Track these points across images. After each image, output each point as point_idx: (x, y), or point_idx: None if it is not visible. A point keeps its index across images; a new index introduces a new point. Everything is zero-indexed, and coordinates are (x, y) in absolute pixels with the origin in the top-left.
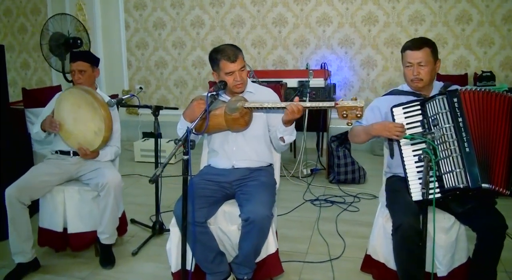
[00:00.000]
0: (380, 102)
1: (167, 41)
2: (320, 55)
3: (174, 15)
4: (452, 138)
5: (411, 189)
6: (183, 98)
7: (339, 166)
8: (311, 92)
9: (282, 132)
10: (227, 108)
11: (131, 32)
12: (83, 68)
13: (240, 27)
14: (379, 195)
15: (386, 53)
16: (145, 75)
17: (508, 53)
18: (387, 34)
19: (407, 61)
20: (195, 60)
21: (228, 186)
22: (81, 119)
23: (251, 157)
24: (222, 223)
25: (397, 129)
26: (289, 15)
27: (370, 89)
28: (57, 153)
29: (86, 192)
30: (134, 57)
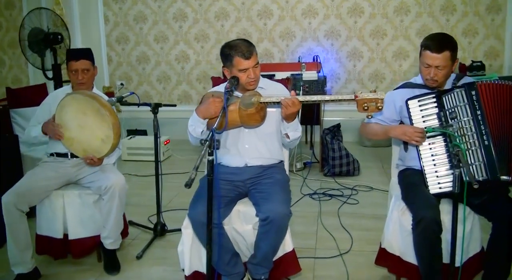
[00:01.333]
0: (394, 95)
1: (149, 35)
2: (306, 48)
3: (156, 8)
4: (471, 131)
5: (429, 182)
6: (166, 94)
7: (334, 159)
8: (304, 85)
9: (285, 128)
10: (242, 104)
11: (111, 26)
12: (87, 66)
13: (224, 20)
14: (389, 188)
15: (372, 45)
16: (127, 71)
17: (492, 43)
18: (372, 25)
19: (425, 62)
20: (178, 54)
21: (241, 184)
22: (86, 126)
23: (264, 154)
24: (237, 223)
25: (417, 135)
26: (274, 7)
27: (357, 80)
28: (54, 156)
29: (87, 196)
30: (114, 52)
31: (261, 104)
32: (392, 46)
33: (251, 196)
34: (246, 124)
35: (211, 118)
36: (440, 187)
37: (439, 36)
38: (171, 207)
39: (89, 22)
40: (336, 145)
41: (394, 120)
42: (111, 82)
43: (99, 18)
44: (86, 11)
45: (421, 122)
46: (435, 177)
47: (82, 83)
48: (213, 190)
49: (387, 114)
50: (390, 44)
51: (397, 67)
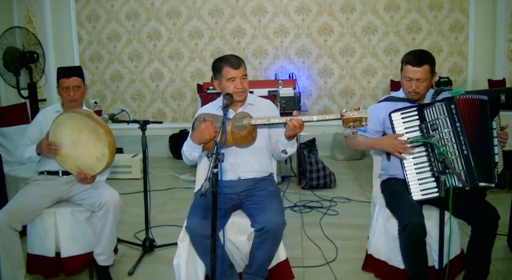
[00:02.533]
0: (377, 108)
1: (123, 54)
2: (279, 65)
3: (130, 27)
4: (451, 141)
5: (412, 189)
6: (140, 112)
7: (311, 172)
8: (281, 101)
9: (284, 145)
10: (234, 127)
11: (84, 45)
12: (78, 83)
13: (198, 39)
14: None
15: (341, 62)
16: (100, 89)
17: (456, 60)
18: (342, 44)
19: (407, 75)
20: (152, 72)
21: (235, 197)
22: (81, 144)
23: (256, 168)
24: (231, 234)
25: (402, 146)
26: (247, 27)
27: (328, 96)
28: (44, 174)
29: (79, 213)
30: (87, 70)
31: (253, 126)
32: (361, 64)
33: (245, 207)
34: (239, 144)
35: (206, 143)
36: (423, 194)
37: (418, 52)
38: (156, 224)
39: (62, 41)
40: (313, 159)
41: (377, 131)
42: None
43: (72, 37)
44: (59, 30)
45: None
46: (418, 184)
47: (73, 99)
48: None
49: (371, 125)
50: (359, 61)
51: (366, 83)
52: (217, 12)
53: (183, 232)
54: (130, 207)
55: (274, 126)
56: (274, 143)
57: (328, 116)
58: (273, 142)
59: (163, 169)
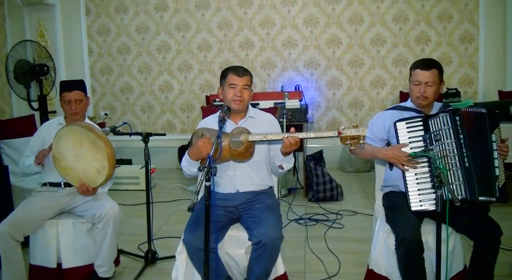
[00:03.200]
0: (384, 115)
1: (133, 66)
2: (287, 77)
3: (139, 40)
4: (453, 153)
5: (410, 199)
6: (150, 123)
7: (318, 185)
8: (287, 113)
9: (281, 160)
10: (231, 143)
11: (95, 57)
12: (80, 97)
13: (207, 51)
14: (373, 211)
15: (350, 74)
16: (110, 101)
17: (466, 71)
18: (350, 55)
19: (415, 79)
20: (162, 84)
21: (233, 210)
22: (82, 156)
23: (255, 181)
24: (229, 247)
25: (406, 160)
26: (255, 39)
27: (337, 108)
28: (47, 185)
29: (81, 225)
30: (98, 83)
31: (250, 142)
32: (369, 75)
33: (243, 221)
34: (237, 160)
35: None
36: (422, 204)
37: (427, 59)
38: (160, 235)
39: (73, 54)
40: (320, 171)
41: (382, 138)
42: (95, 112)
43: (83, 50)
44: (70, 43)
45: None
46: (417, 195)
47: (75, 113)
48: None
49: (376, 132)
50: (368, 73)
51: (375, 95)
52: (225, 25)
53: (181, 245)
54: (136, 219)
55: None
56: (272, 158)
57: (325, 134)
58: (271, 157)
59: (171, 180)
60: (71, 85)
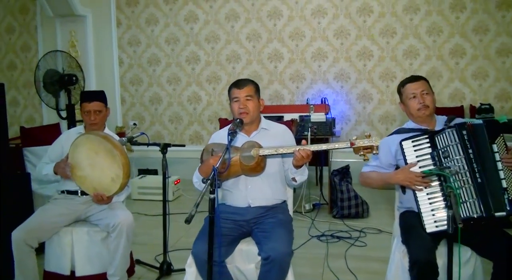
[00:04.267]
0: (388, 141)
1: (162, 77)
2: (316, 89)
3: (169, 51)
4: (464, 169)
5: (424, 221)
6: (178, 134)
7: (342, 201)
8: (312, 126)
9: (293, 173)
10: (242, 158)
11: (125, 68)
12: (99, 108)
13: (235, 63)
14: (389, 230)
15: (381, 87)
16: (139, 111)
17: (503, 85)
18: (382, 68)
19: (410, 93)
20: (190, 95)
21: (245, 224)
22: (98, 165)
23: (267, 195)
24: (239, 262)
25: (419, 180)
26: (284, 51)
27: (367, 122)
28: (64, 193)
29: (96, 233)
30: (127, 93)
31: (261, 157)
32: None
33: (254, 235)
34: (248, 175)
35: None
36: (437, 225)
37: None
38: (178, 247)
39: (104, 64)
40: (345, 187)
41: (390, 164)
42: (124, 122)
43: (113, 61)
44: (101, 54)
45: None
46: (431, 215)
47: (94, 123)
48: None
49: (384, 159)
50: None
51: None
52: (254, 37)
53: (190, 257)
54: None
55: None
56: (286, 170)
57: (337, 145)
58: (285, 169)
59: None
60: (91, 96)
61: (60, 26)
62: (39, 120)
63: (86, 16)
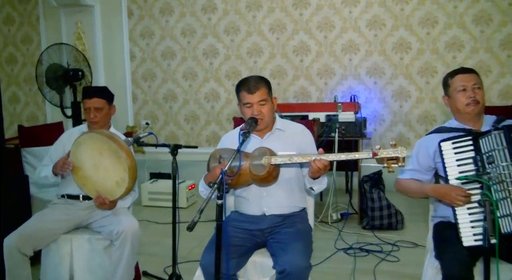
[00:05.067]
0: (426, 141)
1: (177, 72)
2: (347, 86)
3: (185, 44)
4: (510, 177)
5: (462, 233)
6: (194, 135)
7: (373, 210)
8: (340, 127)
9: (310, 183)
10: (252, 167)
11: (137, 62)
12: (100, 105)
13: (257, 56)
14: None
15: (420, 83)
16: (152, 110)
17: None
18: (421, 62)
19: (459, 85)
20: (208, 92)
21: (259, 234)
22: (101, 166)
23: (283, 202)
24: (253, 275)
25: (460, 198)
26: (311, 43)
27: (404, 122)
28: (64, 198)
29: (97, 241)
30: (140, 89)
31: (273, 165)
32: None
33: (269, 246)
34: (259, 184)
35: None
36: (476, 239)
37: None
38: (191, 258)
39: (114, 58)
40: (376, 195)
41: (429, 167)
42: (135, 121)
43: (124, 54)
44: (110, 47)
45: (455, 167)
46: (470, 227)
47: (94, 122)
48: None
49: (422, 161)
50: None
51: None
52: (278, 27)
53: (199, 269)
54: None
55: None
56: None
57: (358, 155)
58: (303, 174)
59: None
60: (91, 92)
61: (65, 16)
62: (43, 119)
63: (93, 6)
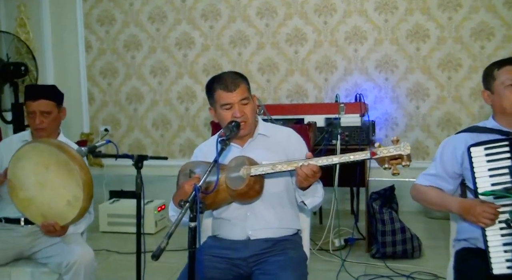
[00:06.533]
0: (455, 141)
1: (144, 67)
2: (352, 83)
3: (153, 32)
4: None
5: (492, 259)
6: (164, 143)
7: (384, 235)
8: (343, 133)
9: (301, 195)
10: (229, 181)
11: (94, 54)
12: (47, 108)
13: (242, 47)
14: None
15: (441, 79)
16: (113, 113)
17: None
18: (442, 53)
19: (509, 78)
20: (181, 91)
21: (242, 264)
22: (48, 184)
23: (272, 224)
24: None
25: (488, 216)
26: (308, 30)
27: (421, 127)
28: (2, 222)
29: (43, 276)
30: (97, 88)
31: (253, 177)
32: (469, 81)
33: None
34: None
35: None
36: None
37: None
38: None
39: (65, 50)
40: (387, 216)
41: (455, 173)
42: (92, 127)
43: (78, 45)
44: (61, 36)
45: (487, 177)
46: (502, 252)
47: (40, 128)
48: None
49: (447, 165)
50: (467, 78)
51: (476, 110)
52: (268, 11)
53: None
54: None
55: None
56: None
57: (353, 156)
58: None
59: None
60: (37, 92)
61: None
62: None
63: None
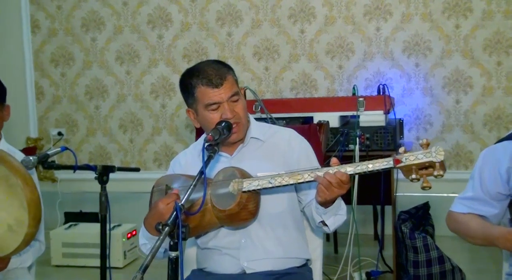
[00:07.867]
0: (497, 153)
1: (107, 52)
2: (373, 71)
3: (119, 7)
4: None
5: None
6: (135, 151)
7: (417, 266)
8: (363, 135)
9: (320, 213)
10: (215, 199)
11: (43, 36)
12: None
13: (233, 26)
14: None
15: (487, 65)
16: (69, 112)
17: None
18: (488, 32)
19: None
20: (156, 83)
21: None
22: None
23: (273, 253)
24: None
25: None
26: (317, 3)
27: (463, 127)
28: None
29: None
30: (48, 80)
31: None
32: None
33: None
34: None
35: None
36: None
37: None
38: None
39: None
40: (421, 242)
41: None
42: (41, 131)
43: (22, 24)
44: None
45: None
46: None
47: None
48: None
49: (489, 184)
50: None
51: None
52: None
53: None
54: None
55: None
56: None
57: (371, 165)
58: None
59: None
60: None
61: None
62: None
63: None
